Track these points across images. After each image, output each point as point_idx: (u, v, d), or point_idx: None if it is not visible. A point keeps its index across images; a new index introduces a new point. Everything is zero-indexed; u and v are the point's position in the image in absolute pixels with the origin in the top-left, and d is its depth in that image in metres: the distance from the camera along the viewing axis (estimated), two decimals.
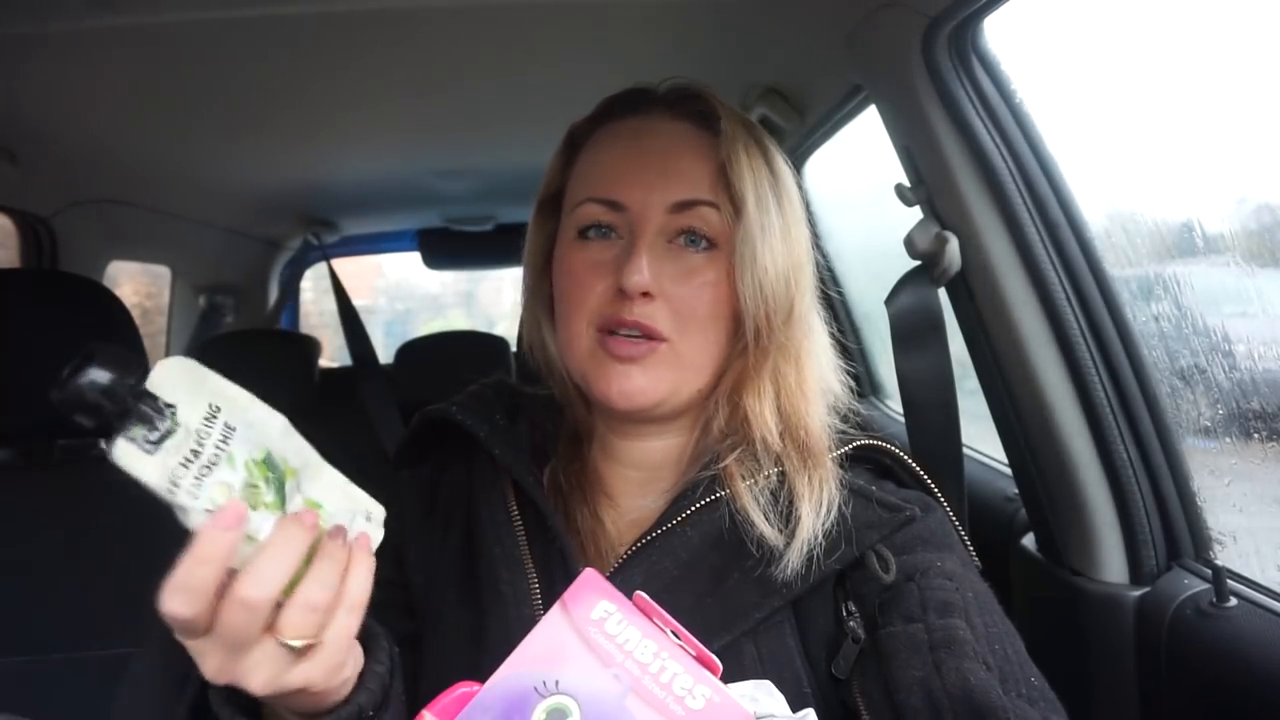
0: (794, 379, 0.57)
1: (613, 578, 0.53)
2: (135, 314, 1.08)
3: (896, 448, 0.60)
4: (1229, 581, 0.73)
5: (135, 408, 0.36)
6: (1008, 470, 0.99)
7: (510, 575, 0.54)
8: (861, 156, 1.31)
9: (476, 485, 0.60)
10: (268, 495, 0.38)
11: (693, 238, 0.56)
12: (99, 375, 0.35)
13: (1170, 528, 0.82)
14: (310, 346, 2.09)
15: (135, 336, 1.06)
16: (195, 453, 0.37)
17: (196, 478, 0.37)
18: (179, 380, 0.38)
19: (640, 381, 0.55)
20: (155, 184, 1.59)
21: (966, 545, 0.58)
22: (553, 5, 0.93)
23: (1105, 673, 0.81)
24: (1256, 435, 0.79)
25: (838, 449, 0.58)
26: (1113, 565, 0.82)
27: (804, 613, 0.53)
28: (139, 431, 0.36)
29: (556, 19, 0.97)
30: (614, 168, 0.58)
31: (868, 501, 0.55)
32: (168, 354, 2.25)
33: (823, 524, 0.52)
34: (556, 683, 0.39)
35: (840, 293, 1.67)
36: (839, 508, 0.53)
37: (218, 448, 0.37)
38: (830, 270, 1.66)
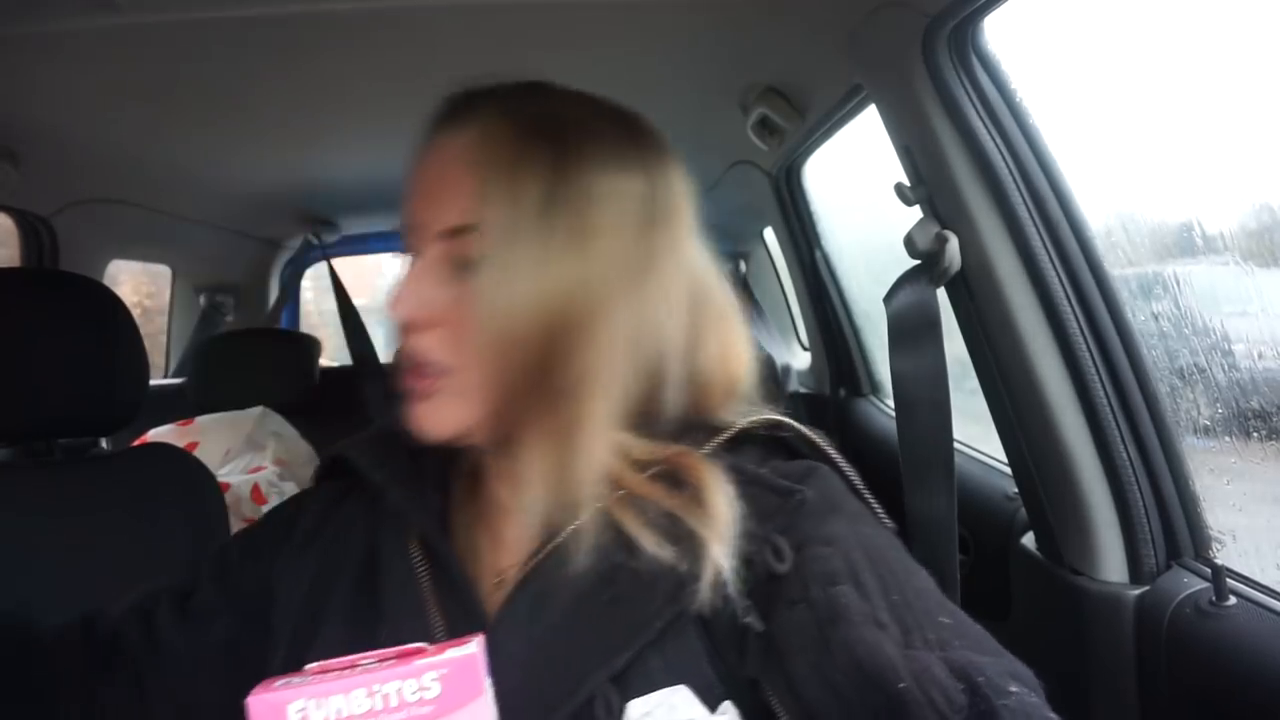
0: (572, 415, 0.50)
1: (504, 608, 0.51)
2: (135, 313, 1.08)
3: (783, 417, 0.56)
4: (1229, 580, 0.73)
5: None
6: (1008, 470, 0.99)
7: (414, 624, 0.52)
8: (863, 156, 1.31)
9: (379, 523, 0.57)
10: None
11: (467, 263, 0.51)
12: None
13: (1170, 527, 0.82)
14: (310, 346, 2.09)
15: (136, 336, 1.06)
16: None
17: None
18: None
19: (431, 417, 0.52)
20: (155, 184, 1.59)
21: (862, 497, 0.54)
22: (552, 5, 0.93)
23: (1104, 671, 0.81)
24: (1256, 434, 0.79)
25: (721, 434, 0.54)
26: (1112, 564, 0.82)
27: (707, 613, 0.49)
28: None
29: (556, 18, 0.97)
30: (409, 192, 0.54)
31: (759, 489, 0.51)
32: (168, 353, 2.25)
33: (727, 548, 0.48)
34: None
35: (840, 291, 1.68)
36: (739, 508, 0.49)
37: None
38: (830, 269, 1.67)
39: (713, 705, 0.44)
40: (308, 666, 0.40)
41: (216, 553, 0.62)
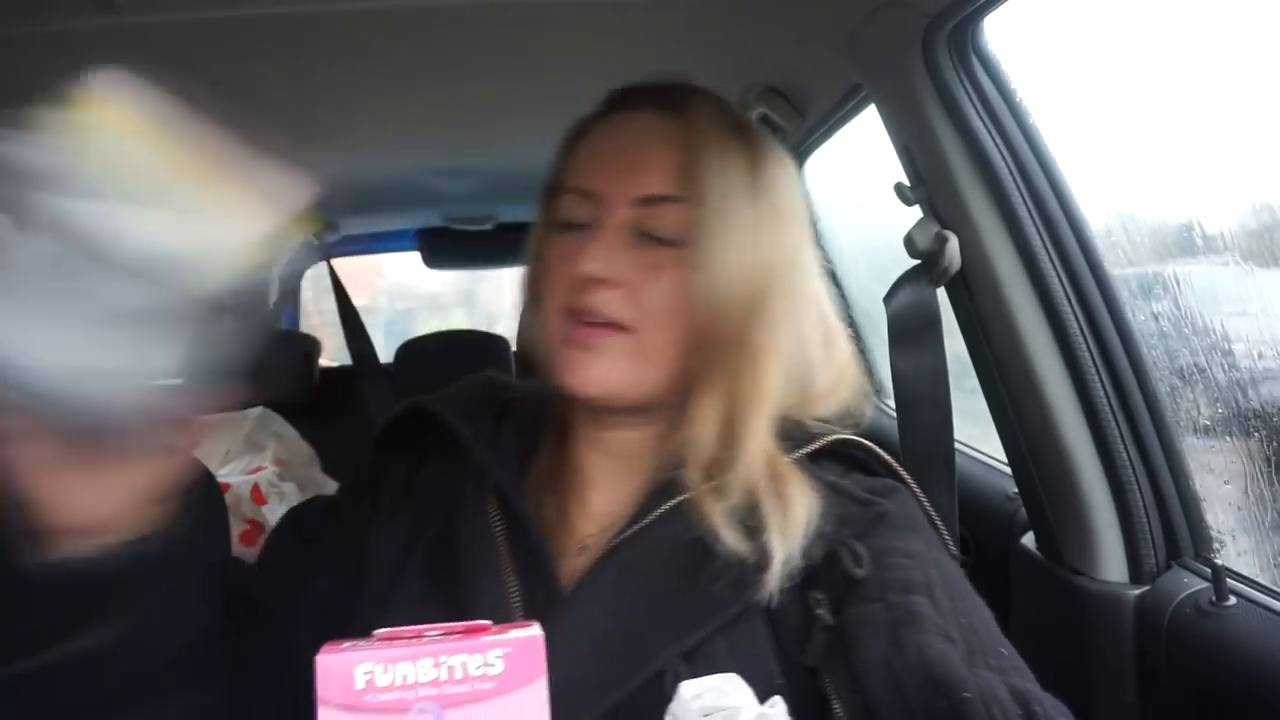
0: (749, 385, 0.54)
1: (589, 575, 0.53)
2: None
3: (866, 440, 0.60)
4: (1229, 580, 0.73)
5: None
6: (1008, 470, 0.99)
7: (491, 582, 0.54)
8: (864, 155, 1.31)
9: (459, 484, 0.59)
10: None
11: (657, 232, 0.55)
12: None
13: (1170, 526, 0.82)
14: (310, 346, 2.09)
15: None
16: None
17: None
18: None
19: (598, 369, 0.54)
20: None
21: (936, 527, 0.57)
22: (553, 4, 0.93)
23: (1104, 671, 0.81)
24: (1256, 434, 0.79)
25: (808, 444, 0.57)
26: (1112, 564, 0.82)
27: (776, 604, 0.52)
28: None
29: (556, 18, 0.97)
30: (591, 160, 0.58)
31: (842, 498, 0.54)
32: None
33: (794, 547, 0.51)
34: None
35: (841, 291, 1.68)
36: (818, 513, 0.52)
37: None
38: (830, 269, 1.67)
39: (766, 695, 0.44)
40: (376, 633, 0.41)
41: (292, 519, 0.65)
